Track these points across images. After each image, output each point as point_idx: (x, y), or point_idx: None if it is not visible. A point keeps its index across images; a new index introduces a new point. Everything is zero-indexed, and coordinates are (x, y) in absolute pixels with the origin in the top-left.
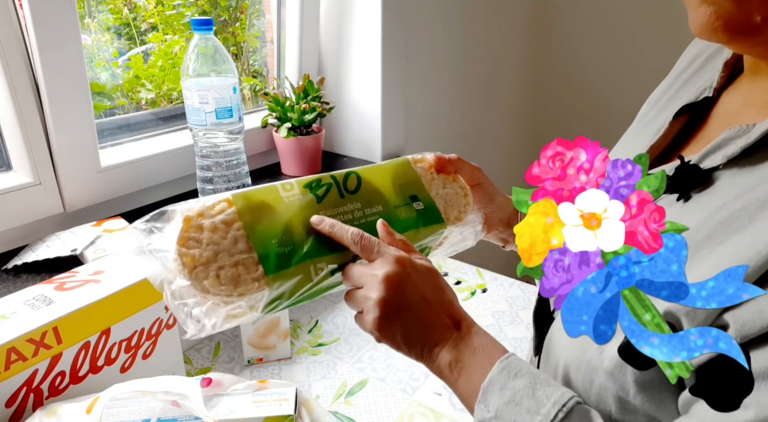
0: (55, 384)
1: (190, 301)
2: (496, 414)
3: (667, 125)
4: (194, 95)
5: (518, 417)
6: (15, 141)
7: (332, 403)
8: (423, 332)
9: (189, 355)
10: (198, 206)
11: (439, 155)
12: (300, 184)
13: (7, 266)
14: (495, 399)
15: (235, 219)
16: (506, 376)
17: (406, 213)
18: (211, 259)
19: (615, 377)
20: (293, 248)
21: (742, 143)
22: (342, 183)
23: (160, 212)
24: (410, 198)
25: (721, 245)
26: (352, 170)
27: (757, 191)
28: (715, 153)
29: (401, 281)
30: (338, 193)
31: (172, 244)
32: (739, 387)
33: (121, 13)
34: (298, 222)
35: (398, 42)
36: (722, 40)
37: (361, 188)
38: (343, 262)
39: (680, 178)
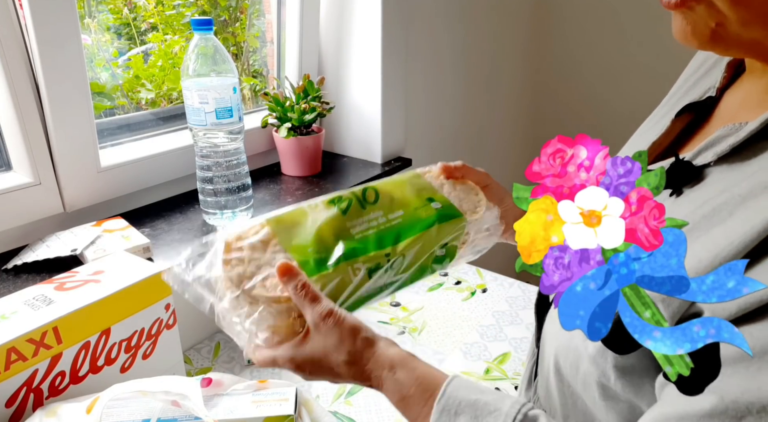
0: (55, 384)
1: (242, 312)
2: None
3: (669, 123)
4: (194, 95)
5: None
6: (15, 141)
7: (332, 403)
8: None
9: (189, 355)
10: (235, 231)
11: (445, 164)
12: (323, 202)
13: (7, 266)
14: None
15: (271, 237)
16: (447, 417)
17: (426, 212)
18: (255, 272)
19: (597, 362)
20: (328, 254)
21: (732, 141)
22: (361, 196)
23: (195, 248)
24: (427, 200)
25: (702, 237)
26: (367, 185)
27: (740, 186)
28: (707, 150)
29: (302, 372)
30: (359, 205)
31: (218, 267)
32: (706, 373)
33: (121, 13)
34: (329, 233)
35: (398, 42)
36: (695, 46)
37: (379, 199)
38: (379, 263)
39: (674, 174)
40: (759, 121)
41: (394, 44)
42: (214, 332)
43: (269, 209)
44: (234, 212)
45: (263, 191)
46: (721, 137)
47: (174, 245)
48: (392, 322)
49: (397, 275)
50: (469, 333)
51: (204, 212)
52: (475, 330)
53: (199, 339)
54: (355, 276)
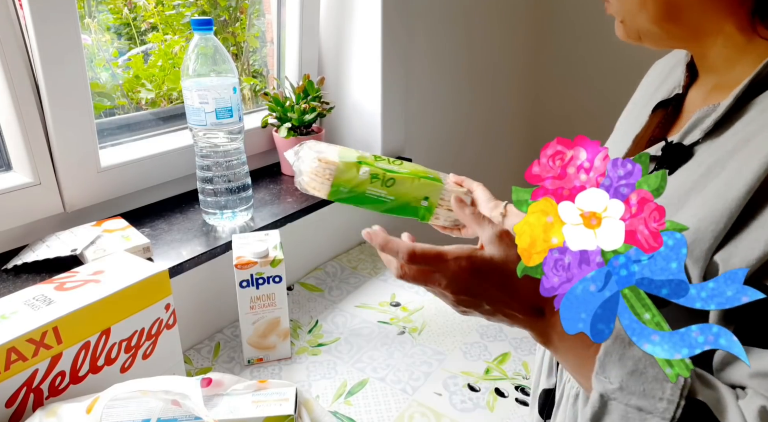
0: (55, 384)
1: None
2: (620, 386)
3: (647, 118)
4: (194, 95)
5: (646, 386)
6: (15, 141)
7: (332, 403)
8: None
9: (189, 355)
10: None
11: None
12: (367, 161)
13: (7, 266)
14: (616, 370)
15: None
16: (621, 345)
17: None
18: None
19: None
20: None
21: (714, 117)
22: (383, 177)
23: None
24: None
25: (703, 190)
26: (395, 173)
27: (726, 145)
28: (693, 131)
29: (468, 286)
30: (379, 177)
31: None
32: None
33: (121, 13)
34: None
35: (398, 41)
36: (632, 42)
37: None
38: (378, 173)
39: (668, 156)
40: (732, 97)
41: (394, 44)
42: (214, 332)
43: (269, 209)
44: (234, 212)
45: (263, 191)
46: (700, 118)
47: (174, 245)
48: (392, 322)
49: (390, 195)
50: (469, 332)
51: (204, 212)
52: (475, 330)
53: (199, 339)
54: (359, 172)
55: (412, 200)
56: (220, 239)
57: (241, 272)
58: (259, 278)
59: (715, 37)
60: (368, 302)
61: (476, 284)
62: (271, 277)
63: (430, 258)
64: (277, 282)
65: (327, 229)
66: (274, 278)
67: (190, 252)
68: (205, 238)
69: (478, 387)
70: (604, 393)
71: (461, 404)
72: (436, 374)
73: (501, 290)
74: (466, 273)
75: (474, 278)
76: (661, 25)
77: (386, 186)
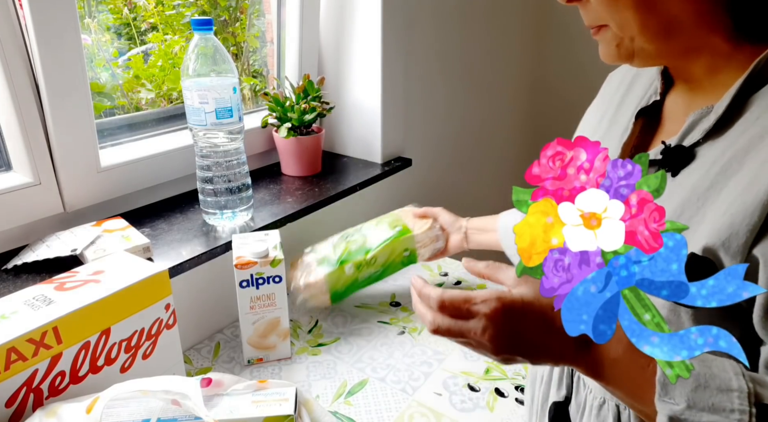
0: (55, 384)
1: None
2: (688, 404)
3: (631, 126)
4: (194, 95)
5: (714, 399)
6: (15, 141)
7: (332, 403)
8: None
9: (189, 355)
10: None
11: (415, 210)
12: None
13: (7, 266)
14: (680, 389)
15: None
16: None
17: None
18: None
19: (669, 320)
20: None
21: (714, 117)
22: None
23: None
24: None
25: (725, 187)
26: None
27: (736, 144)
28: (691, 133)
29: (504, 328)
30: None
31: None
32: None
33: (121, 13)
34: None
35: (398, 42)
36: (620, 63)
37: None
38: (362, 262)
39: (670, 158)
40: (728, 97)
41: (394, 44)
42: (214, 332)
43: (269, 209)
44: (234, 212)
45: (263, 191)
46: (696, 120)
47: (174, 245)
48: (392, 322)
49: (379, 268)
50: None
51: (204, 212)
52: None
53: (199, 339)
54: (345, 272)
55: (396, 259)
56: (220, 239)
57: (241, 272)
58: (259, 278)
59: (703, 50)
60: (368, 302)
61: (512, 325)
62: (271, 277)
63: (459, 302)
64: (277, 282)
65: (327, 229)
66: (274, 278)
67: (190, 252)
68: (205, 238)
69: (478, 387)
70: (672, 416)
71: (461, 404)
72: (436, 374)
73: (540, 327)
74: (499, 314)
75: (509, 319)
76: (658, 44)
77: (371, 265)
